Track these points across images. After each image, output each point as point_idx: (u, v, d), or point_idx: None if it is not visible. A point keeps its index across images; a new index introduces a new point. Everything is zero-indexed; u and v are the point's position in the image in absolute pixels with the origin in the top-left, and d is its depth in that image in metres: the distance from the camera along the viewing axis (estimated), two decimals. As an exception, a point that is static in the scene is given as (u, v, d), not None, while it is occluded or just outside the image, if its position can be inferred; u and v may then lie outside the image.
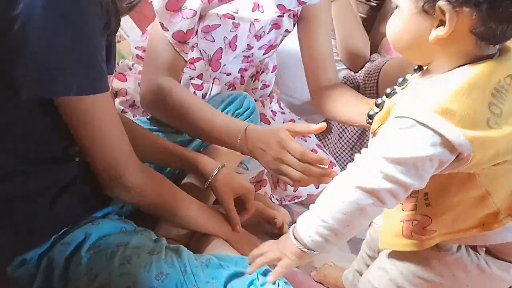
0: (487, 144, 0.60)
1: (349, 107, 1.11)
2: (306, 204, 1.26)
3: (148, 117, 1.13)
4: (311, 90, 1.23)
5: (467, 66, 0.63)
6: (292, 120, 1.42)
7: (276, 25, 1.18)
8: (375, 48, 1.80)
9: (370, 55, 1.67)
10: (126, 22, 1.46)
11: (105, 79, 0.68)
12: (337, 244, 0.67)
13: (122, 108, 1.21)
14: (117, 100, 1.22)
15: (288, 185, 1.21)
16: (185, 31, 1.02)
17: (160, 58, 1.03)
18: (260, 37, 1.18)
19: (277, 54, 1.36)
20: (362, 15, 1.80)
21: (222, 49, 1.12)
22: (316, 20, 1.19)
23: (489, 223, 0.69)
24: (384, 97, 0.74)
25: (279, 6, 1.09)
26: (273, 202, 1.31)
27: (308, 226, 0.67)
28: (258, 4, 1.07)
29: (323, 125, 0.89)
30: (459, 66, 0.63)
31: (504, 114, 0.61)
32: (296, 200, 1.35)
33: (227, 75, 1.25)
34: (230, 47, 1.12)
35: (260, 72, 1.31)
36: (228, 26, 1.08)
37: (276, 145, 0.87)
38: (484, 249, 0.73)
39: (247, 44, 1.17)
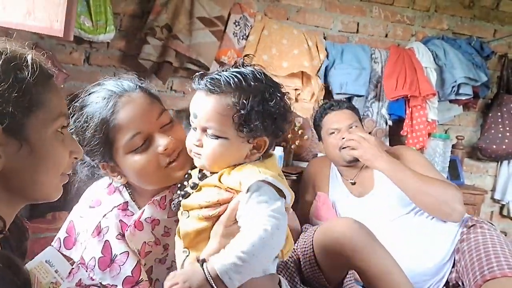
0: None
1: None
2: None
3: None
4: None
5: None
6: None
7: None
8: (304, 218, 1.96)
9: (301, 226, 1.76)
10: (63, 264, 1.16)
11: None
12: (244, 277, 0.85)
13: None
14: None
15: None
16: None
17: None
18: None
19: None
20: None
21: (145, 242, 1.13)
22: None
23: None
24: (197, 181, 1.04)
25: None
26: None
27: (224, 262, 0.84)
28: None
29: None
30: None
31: None
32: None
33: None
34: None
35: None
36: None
37: None
38: None
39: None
